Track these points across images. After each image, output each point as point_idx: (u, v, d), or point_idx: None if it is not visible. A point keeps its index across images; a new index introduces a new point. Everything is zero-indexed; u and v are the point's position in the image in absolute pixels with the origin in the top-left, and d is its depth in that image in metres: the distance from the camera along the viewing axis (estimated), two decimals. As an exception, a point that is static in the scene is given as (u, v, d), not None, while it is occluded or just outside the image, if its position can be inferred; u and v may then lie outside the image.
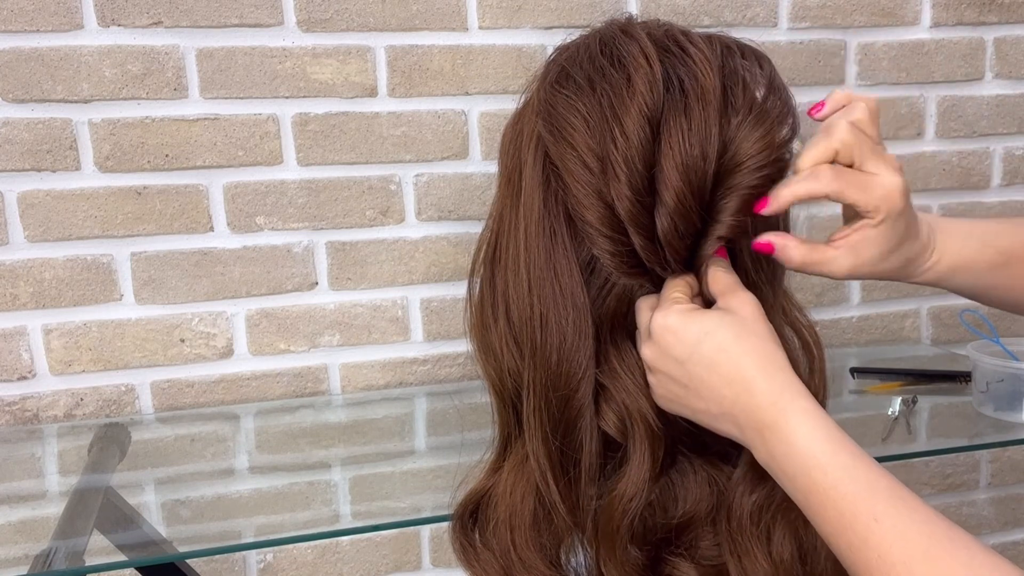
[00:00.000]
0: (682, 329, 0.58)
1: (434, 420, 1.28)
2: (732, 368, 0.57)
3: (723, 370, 0.57)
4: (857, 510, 0.52)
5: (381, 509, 1.09)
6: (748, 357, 0.57)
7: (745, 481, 0.62)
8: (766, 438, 0.56)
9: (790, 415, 0.55)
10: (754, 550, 0.61)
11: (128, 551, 1.01)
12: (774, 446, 0.55)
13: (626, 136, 0.58)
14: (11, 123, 1.13)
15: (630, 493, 0.61)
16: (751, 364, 0.57)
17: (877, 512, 0.51)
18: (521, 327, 0.63)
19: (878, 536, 0.51)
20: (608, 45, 0.62)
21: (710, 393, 0.58)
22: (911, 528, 0.51)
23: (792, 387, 0.56)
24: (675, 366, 0.59)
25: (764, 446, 0.56)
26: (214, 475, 1.18)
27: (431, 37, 1.22)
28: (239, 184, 1.20)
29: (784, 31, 1.32)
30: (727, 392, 0.57)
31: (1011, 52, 1.40)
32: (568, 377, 0.61)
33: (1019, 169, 1.44)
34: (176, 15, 1.14)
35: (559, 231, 0.61)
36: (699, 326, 0.58)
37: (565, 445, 0.62)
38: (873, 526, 0.51)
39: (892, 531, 0.51)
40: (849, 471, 0.53)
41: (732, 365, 0.57)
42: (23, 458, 1.16)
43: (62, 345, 1.18)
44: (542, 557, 0.64)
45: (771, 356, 0.57)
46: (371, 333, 1.27)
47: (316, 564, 1.30)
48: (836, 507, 0.53)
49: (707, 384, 0.58)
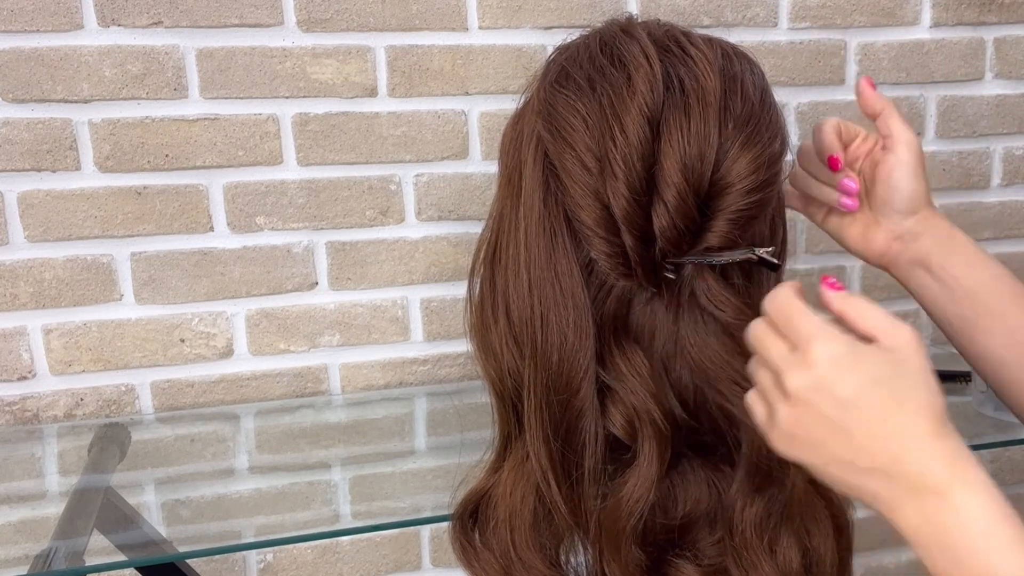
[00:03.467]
0: (853, 366, 0.52)
1: (434, 420, 1.28)
2: (904, 424, 0.51)
3: (893, 424, 0.52)
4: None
5: (381, 509, 1.09)
6: (923, 414, 0.52)
7: (744, 492, 0.62)
8: (927, 504, 0.51)
9: (965, 485, 0.50)
10: (762, 563, 0.61)
11: (128, 551, 1.01)
12: (937, 514, 0.50)
13: (625, 135, 0.58)
14: (11, 123, 1.13)
15: (637, 494, 0.61)
16: (926, 422, 0.52)
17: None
18: (521, 327, 0.63)
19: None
20: (608, 45, 0.62)
21: (867, 444, 0.52)
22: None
23: (964, 453, 0.51)
24: (833, 407, 0.52)
25: (920, 512, 0.51)
26: (214, 475, 1.18)
27: (431, 37, 1.22)
28: (239, 184, 1.20)
29: (784, 31, 1.32)
30: (892, 447, 0.51)
31: (1011, 52, 1.40)
32: (569, 378, 0.61)
33: (1019, 169, 1.44)
34: (176, 15, 1.14)
35: (559, 231, 0.61)
36: (873, 367, 0.52)
37: (566, 445, 0.62)
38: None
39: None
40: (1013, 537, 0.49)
41: (905, 420, 0.52)
42: (23, 458, 1.16)
43: (62, 345, 1.18)
44: (542, 557, 0.64)
45: (943, 416, 0.52)
46: (371, 333, 1.27)
47: (316, 564, 1.30)
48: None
49: (866, 432, 0.52)
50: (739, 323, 0.60)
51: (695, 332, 0.62)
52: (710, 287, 0.61)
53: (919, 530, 0.51)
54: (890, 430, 0.51)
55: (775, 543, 0.62)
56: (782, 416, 0.54)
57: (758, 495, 0.62)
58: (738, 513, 0.62)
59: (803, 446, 0.54)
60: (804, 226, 1.37)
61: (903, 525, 0.52)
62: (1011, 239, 1.46)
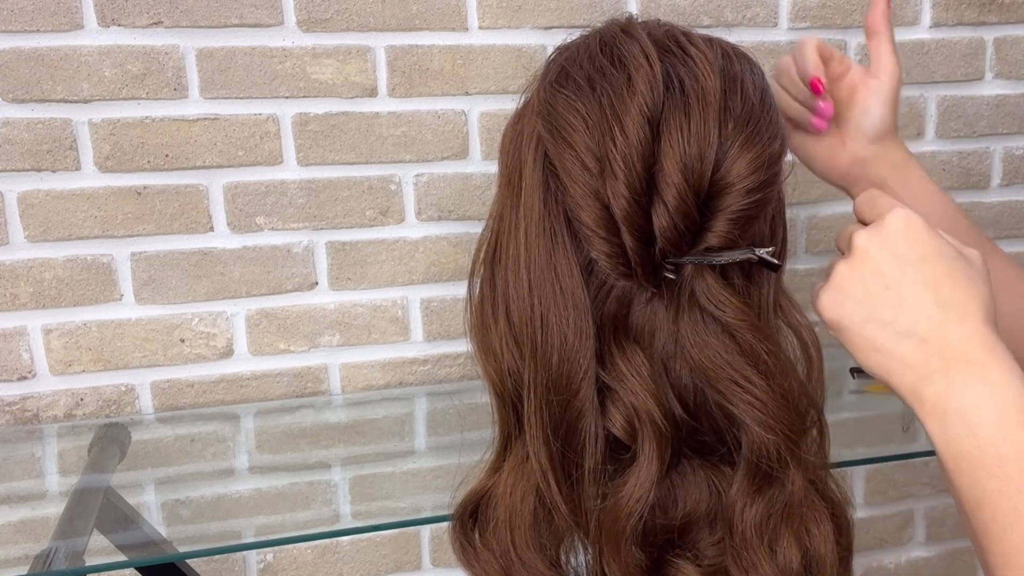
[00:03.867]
0: (923, 233, 0.55)
1: (434, 420, 1.28)
2: (956, 300, 0.53)
3: (944, 292, 0.53)
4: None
5: (381, 509, 1.10)
6: (975, 300, 0.53)
7: (745, 492, 0.62)
8: (956, 373, 0.52)
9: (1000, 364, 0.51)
10: (762, 563, 0.61)
11: (128, 551, 1.01)
12: (965, 385, 0.51)
13: (625, 135, 0.58)
14: (11, 123, 1.13)
15: (637, 494, 0.61)
16: (976, 307, 0.53)
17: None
18: (521, 327, 0.63)
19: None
20: (608, 45, 0.62)
21: (913, 306, 0.53)
22: None
23: (1003, 347, 0.53)
24: (891, 262, 0.55)
25: (947, 380, 0.52)
26: (214, 475, 1.18)
27: (431, 37, 1.22)
28: (239, 184, 1.20)
29: (784, 31, 1.32)
30: (935, 314, 0.53)
31: (1011, 52, 1.40)
32: (569, 378, 0.61)
33: (1019, 169, 1.44)
34: (176, 15, 1.14)
35: (559, 232, 0.61)
36: (941, 244, 0.55)
37: (566, 446, 0.62)
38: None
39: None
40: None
41: (958, 296, 0.53)
42: (23, 458, 1.17)
43: (62, 345, 1.18)
44: (542, 557, 0.64)
45: (992, 314, 0.54)
46: (371, 333, 1.27)
47: (316, 564, 1.30)
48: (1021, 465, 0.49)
49: (915, 296, 0.54)
50: (739, 323, 0.60)
51: (695, 332, 0.62)
52: (710, 287, 0.61)
53: (940, 397, 0.52)
54: (942, 300, 0.53)
55: (775, 543, 0.62)
56: (838, 271, 0.57)
57: (758, 496, 0.62)
58: (738, 513, 0.62)
59: (848, 301, 0.56)
60: (804, 226, 1.37)
61: (924, 392, 0.53)
62: (1011, 239, 1.46)
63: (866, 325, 0.56)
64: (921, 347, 0.53)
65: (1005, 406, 0.50)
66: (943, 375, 0.52)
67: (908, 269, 0.54)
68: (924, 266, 0.54)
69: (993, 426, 0.50)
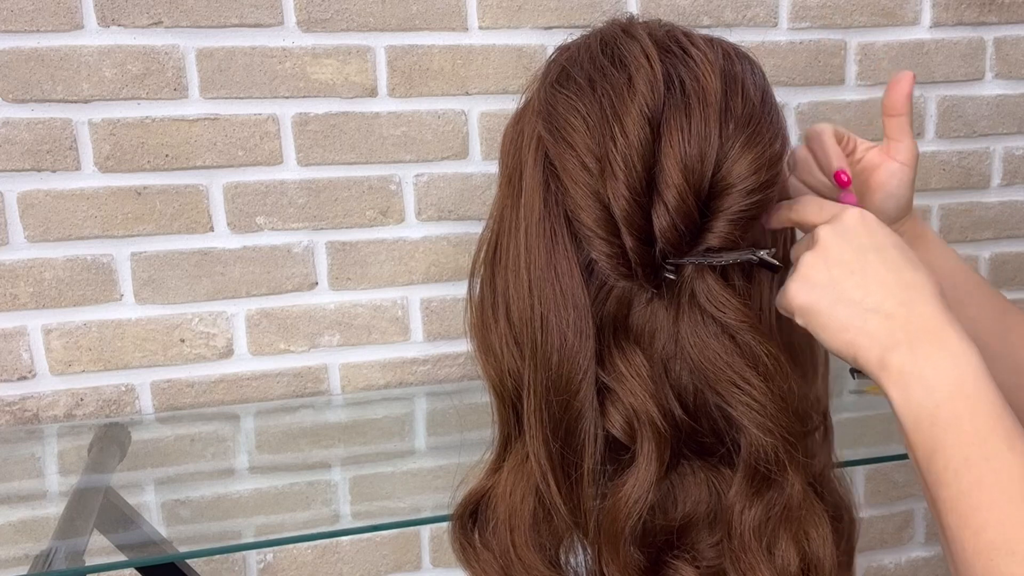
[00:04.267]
0: (877, 226, 0.61)
1: (434, 420, 1.28)
2: (914, 280, 0.58)
3: (905, 275, 0.58)
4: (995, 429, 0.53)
5: (381, 509, 1.10)
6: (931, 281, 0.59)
7: (743, 495, 0.62)
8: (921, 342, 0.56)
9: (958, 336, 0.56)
10: (759, 566, 0.61)
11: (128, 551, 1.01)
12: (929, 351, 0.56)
13: (626, 135, 0.58)
14: (11, 123, 1.13)
15: (635, 495, 0.61)
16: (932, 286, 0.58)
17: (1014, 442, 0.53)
18: (521, 328, 0.63)
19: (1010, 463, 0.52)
20: (609, 45, 0.62)
21: (878, 287, 0.58)
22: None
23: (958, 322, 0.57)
24: (853, 251, 0.60)
25: (911, 351, 0.56)
26: (214, 475, 1.18)
27: (431, 37, 1.22)
28: (239, 184, 1.20)
29: (784, 31, 1.32)
30: (899, 293, 0.58)
31: (1011, 52, 1.40)
32: (569, 379, 0.61)
33: (1019, 169, 1.44)
34: (176, 15, 1.14)
35: (559, 232, 0.61)
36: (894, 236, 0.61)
37: (566, 446, 0.62)
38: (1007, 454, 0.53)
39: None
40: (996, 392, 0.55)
41: (915, 277, 0.59)
42: (23, 458, 1.17)
43: (62, 345, 1.18)
44: (542, 557, 0.64)
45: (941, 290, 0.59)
46: (371, 333, 1.27)
47: (316, 564, 1.30)
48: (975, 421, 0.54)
49: (879, 278, 0.58)
50: (739, 325, 0.60)
51: (695, 333, 0.62)
52: (710, 288, 0.61)
53: (904, 364, 0.56)
54: (902, 281, 0.58)
55: (773, 546, 0.62)
56: (804, 262, 0.61)
57: (757, 498, 0.62)
58: (736, 516, 0.62)
59: (816, 288, 0.60)
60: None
61: (890, 360, 0.57)
62: (1011, 239, 1.46)
63: (835, 306, 0.59)
64: (887, 322, 0.57)
65: (962, 371, 0.55)
66: (908, 346, 0.57)
67: (870, 256, 0.59)
68: (884, 253, 0.59)
69: (951, 387, 0.55)
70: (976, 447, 0.53)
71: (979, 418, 0.54)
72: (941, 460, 0.54)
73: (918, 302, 0.57)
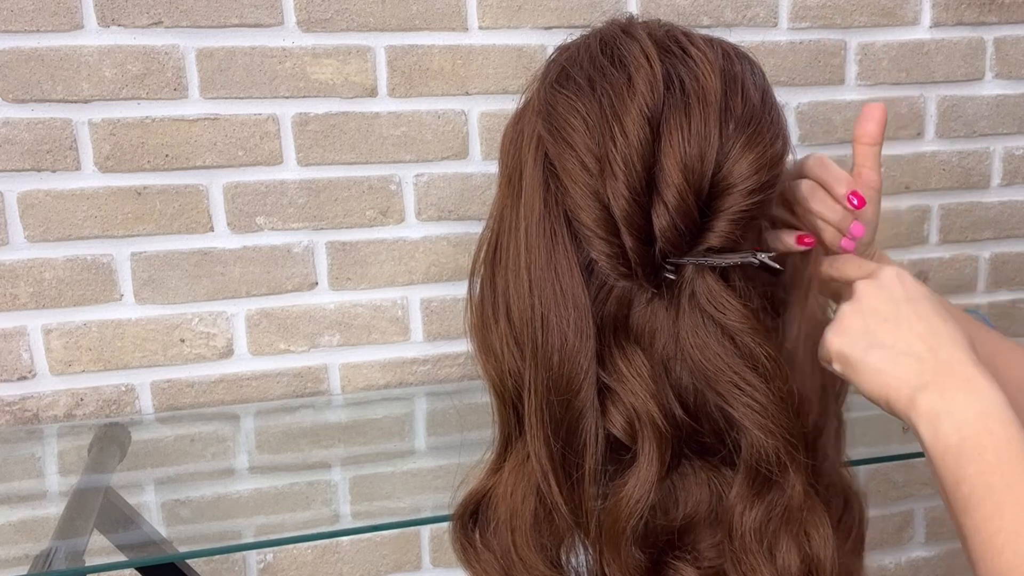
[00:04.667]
0: (911, 282, 0.65)
1: (434, 420, 1.28)
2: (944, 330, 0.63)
3: (935, 324, 0.63)
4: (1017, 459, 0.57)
5: (381, 509, 1.10)
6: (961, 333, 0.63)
7: (744, 496, 0.62)
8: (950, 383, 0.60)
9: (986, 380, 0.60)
10: (760, 567, 0.61)
11: (128, 551, 1.01)
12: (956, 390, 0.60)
13: (625, 135, 0.58)
14: (11, 123, 1.13)
15: (637, 495, 0.61)
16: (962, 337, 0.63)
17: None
18: (522, 328, 0.63)
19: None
20: (609, 45, 0.62)
21: (908, 334, 0.62)
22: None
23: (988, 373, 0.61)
24: (887, 302, 0.64)
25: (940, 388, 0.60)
26: (214, 475, 1.18)
27: (431, 37, 1.22)
28: (239, 184, 1.20)
29: (784, 31, 1.32)
30: (928, 340, 0.62)
31: (1011, 52, 1.40)
32: (570, 379, 0.61)
33: (1019, 169, 1.45)
34: (176, 15, 1.14)
35: (559, 232, 0.61)
36: (928, 292, 0.65)
37: (567, 446, 0.62)
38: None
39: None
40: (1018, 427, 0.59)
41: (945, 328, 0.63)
42: (23, 458, 1.17)
43: (62, 345, 1.18)
44: (543, 558, 0.64)
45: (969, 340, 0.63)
46: (371, 333, 1.27)
47: (316, 564, 1.30)
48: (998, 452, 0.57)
49: (910, 326, 0.63)
50: (739, 326, 0.60)
51: (695, 333, 0.61)
52: (711, 289, 0.61)
53: (933, 403, 0.60)
54: (932, 329, 0.63)
55: (774, 548, 0.62)
56: (842, 312, 0.65)
57: (757, 499, 0.62)
58: (737, 517, 0.62)
59: (851, 335, 0.64)
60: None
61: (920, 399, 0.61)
62: (1011, 239, 1.46)
63: (868, 351, 0.63)
64: (917, 364, 0.62)
65: (987, 408, 0.59)
66: (937, 386, 0.60)
67: (903, 306, 0.64)
68: (916, 304, 0.64)
69: (976, 422, 0.59)
70: (998, 476, 0.57)
71: (1002, 449, 0.57)
72: (966, 488, 0.58)
73: (946, 347, 0.62)
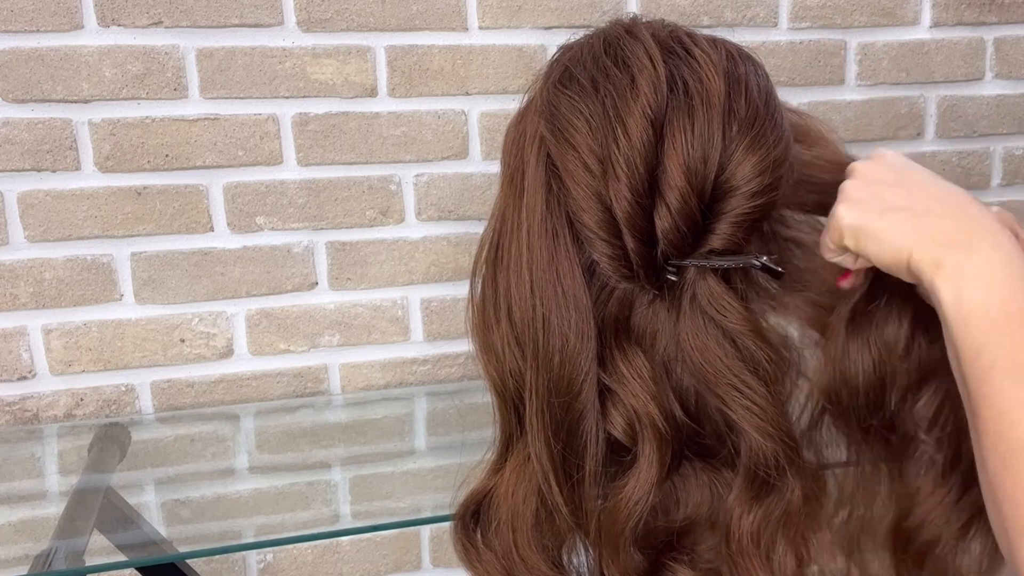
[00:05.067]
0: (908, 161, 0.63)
1: (434, 420, 1.28)
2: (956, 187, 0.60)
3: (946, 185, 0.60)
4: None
5: (381, 509, 1.10)
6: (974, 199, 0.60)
7: (743, 500, 0.62)
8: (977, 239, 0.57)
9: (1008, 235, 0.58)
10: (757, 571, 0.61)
11: (128, 551, 1.01)
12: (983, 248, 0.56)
13: (628, 137, 0.58)
14: (11, 123, 1.12)
15: (636, 496, 0.61)
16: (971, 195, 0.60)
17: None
18: (523, 328, 0.63)
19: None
20: (612, 46, 0.62)
21: (923, 192, 0.60)
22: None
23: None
24: (889, 170, 0.62)
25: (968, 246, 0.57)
26: (214, 475, 1.18)
27: (431, 37, 1.22)
28: (239, 184, 1.20)
29: (784, 31, 1.32)
30: (944, 196, 0.59)
31: (1011, 52, 1.40)
32: (570, 380, 0.61)
33: (1019, 169, 1.45)
34: (176, 15, 1.14)
35: (561, 233, 0.61)
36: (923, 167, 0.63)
37: (567, 447, 0.62)
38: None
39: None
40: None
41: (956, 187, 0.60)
42: (23, 458, 1.16)
43: (62, 345, 1.18)
44: (544, 558, 0.64)
45: None
46: (371, 333, 1.27)
47: (316, 564, 1.30)
48: None
49: (922, 186, 0.60)
50: (740, 329, 0.60)
51: (696, 335, 0.61)
52: (712, 291, 0.61)
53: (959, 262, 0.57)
54: (943, 187, 0.60)
55: (771, 552, 0.62)
56: (845, 188, 0.62)
57: (756, 503, 0.62)
58: (735, 520, 0.62)
59: (862, 204, 0.61)
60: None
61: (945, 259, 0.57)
62: (1011, 239, 1.46)
63: (883, 216, 0.60)
64: (941, 222, 0.58)
65: (1015, 271, 0.56)
66: (965, 244, 0.57)
67: (905, 171, 0.61)
68: (919, 172, 0.61)
69: (1002, 286, 0.55)
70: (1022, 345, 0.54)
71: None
72: (987, 358, 0.55)
73: (967, 204, 0.58)
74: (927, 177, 0.61)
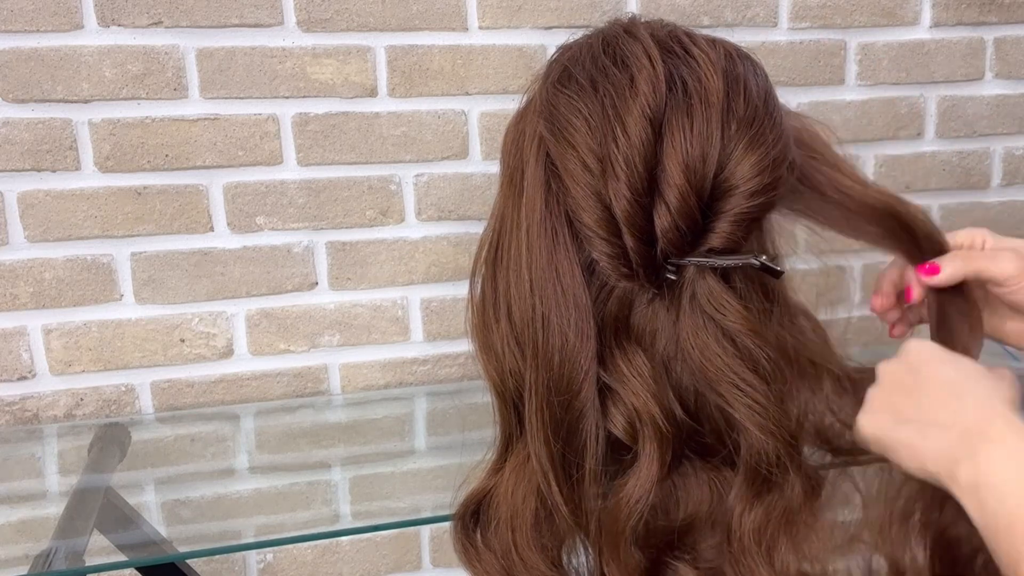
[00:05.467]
0: (934, 348, 0.63)
1: (434, 420, 1.28)
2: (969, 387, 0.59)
3: (959, 386, 0.59)
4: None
5: (381, 509, 1.10)
6: (988, 387, 0.59)
7: (744, 498, 0.62)
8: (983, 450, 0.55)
9: (1010, 423, 0.56)
10: (759, 569, 0.61)
11: (128, 551, 1.01)
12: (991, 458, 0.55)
13: (627, 136, 0.58)
14: (11, 123, 1.12)
15: (637, 495, 0.61)
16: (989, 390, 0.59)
17: None
18: (523, 328, 0.63)
19: None
20: (611, 45, 0.62)
21: (931, 402, 0.59)
22: None
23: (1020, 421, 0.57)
24: (908, 373, 0.62)
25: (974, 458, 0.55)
26: (214, 475, 1.18)
27: (431, 37, 1.22)
28: (239, 184, 1.20)
29: (784, 31, 1.32)
30: (952, 404, 0.58)
31: (1011, 52, 1.40)
32: (570, 379, 0.61)
33: (1019, 169, 1.45)
34: (176, 15, 1.14)
35: (561, 232, 0.61)
36: (953, 354, 0.63)
37: (567, 447, 0.62)
38: None
39: None
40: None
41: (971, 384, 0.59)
42: (23, 458, 1.17)
43: (62, 345, 1.18)
44: (544, 558, 0.64)
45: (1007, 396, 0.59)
46: (371, 333, 1.27)
47: (316, 564, 1.30)
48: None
49: (933, 393, 0.60)
50: (739, 328, 0.60)
51: (695, 334, 0.61)
52: (711, 290, 0.61)
53: (971, 477, 0.55)
54: (956, 392, 0.59)
55: (773, 550, 0.62)
56: (869, 397, 0.63)
57: (757, 501, 0.62)
58: (736, 518, 0.62)
59: (878, 415, 0.62)
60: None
61: (958, 474, 0.56)
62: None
63: (896, 428, 0.60)
64: (945, 434, 0.57)
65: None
66: (970, 457, 0.55)
67: (922, 373, 0.61)
68: (935, 368, 0.61)
69: (1019, 492, 0.53)
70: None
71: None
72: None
73: (973, 409, 0.57)
74: (938, 375, 0.60)
